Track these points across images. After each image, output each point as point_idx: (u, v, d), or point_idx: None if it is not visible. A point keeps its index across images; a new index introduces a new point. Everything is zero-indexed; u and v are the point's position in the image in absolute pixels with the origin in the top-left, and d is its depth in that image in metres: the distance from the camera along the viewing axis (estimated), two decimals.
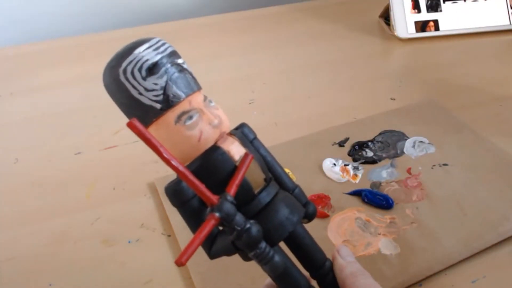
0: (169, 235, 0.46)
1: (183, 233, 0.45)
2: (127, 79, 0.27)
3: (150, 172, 0.53)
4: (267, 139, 0.58)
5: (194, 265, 0.41)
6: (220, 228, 0.29)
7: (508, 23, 0.84)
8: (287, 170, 0.52)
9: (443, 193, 0.49)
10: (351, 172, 0.52)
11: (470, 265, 0.43)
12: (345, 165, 0.53)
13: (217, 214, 0.25)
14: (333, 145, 0.56)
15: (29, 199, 0.50)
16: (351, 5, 0.97)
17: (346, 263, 0.30)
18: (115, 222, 0.47)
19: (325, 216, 0.46)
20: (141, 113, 0.27)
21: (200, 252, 0.42)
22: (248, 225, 0.25)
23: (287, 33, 0.86)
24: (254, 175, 0.28)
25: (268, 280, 0.32)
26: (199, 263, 0.41)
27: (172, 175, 0.27)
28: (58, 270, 0.43)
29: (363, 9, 0.95)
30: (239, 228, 0.25)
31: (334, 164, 0.53)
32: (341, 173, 0.52)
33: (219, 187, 0.26)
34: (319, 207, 0.47)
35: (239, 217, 0.25)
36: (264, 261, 0.26)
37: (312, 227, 0.45)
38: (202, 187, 0.25)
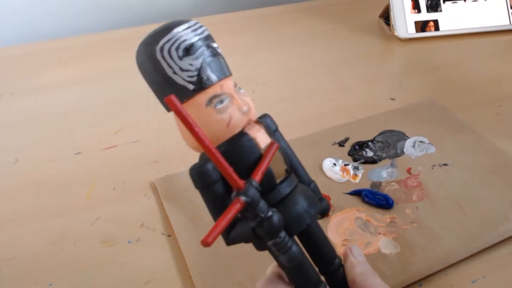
0: (169, 235, 0.46)
1: (183, 233, 0.45)
2: (163, 57, 0.27)
3: (150, 172, 0.53)
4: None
5: (194, 265, 0.41)
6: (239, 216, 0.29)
7: (508, 23, 0.84)
8: None
9: (443, 193, 0.49)
10: (351, 172, 0.52)
11: (470, 265, 0.43)
12: (345, 165, 0.53)
13: (243, 198, 0.25)
14: (333, 145, 0.56)
15: (29, 199, 0.50)
16: (351, 5, 0.97)
17: (357, 262, 0.31)
18: (115, 222, 0.47)
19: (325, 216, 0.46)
20: (173, 92, 0.26)
21: (201, 253, 0.42)
22: (270, 213, 0.26)
23: (287, 33, 0.86)
24: (277, 165, 0.28)
25: (268, 274, 0.32)
26: (199, 263, 0.41)
27: (172, 174, 0.27)
28: (58, 270, 0.42)
29: (363, 9, 0.95)
30: (262, 215, 0.25)
31: (334, 164, 0.53)
32: (341, 173, 0.52)
33: (243, 173, 0.26)
34: None
35: (262, 204, 0.26)
36: (282, 251, 0.26)
37: None
38: (230, 169, 0.25)
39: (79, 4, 0.90)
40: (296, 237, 0.30)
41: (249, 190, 0.25)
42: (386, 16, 0.87)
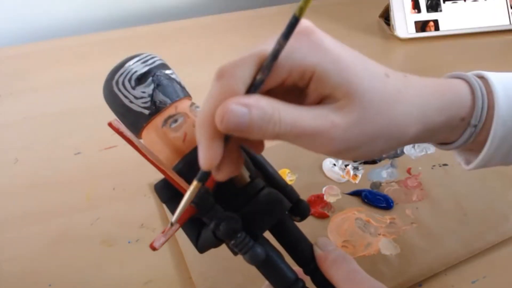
0: None
1: (183, 233, 0.44)
2: (119, 89, 0.30)
3: (150, 172, 0.52)
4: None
5: (194, 265, 0.41)
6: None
7: (508, 23, 0.84)
8: (287, 170, 0.52)
9: (443, 193, 0.49)
10: (351, 172, 0.52)
11: (470, 265, 0.43)
12: (345, 165, 0.53)
13: (194, 204, 0.27)
14: None
15: (29, 199, 0.50)
16: (351, 5, 0.97)
17: (326, 253, 0.30)
18: (115, 222, 0.47)
19: (325, 217, 0.46)
20: (134, 119, 0.30)
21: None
22: (226, 216, 0.27)
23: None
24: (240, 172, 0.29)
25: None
26: (199, 263, 0.41)
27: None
28: (58, 270, 0.43)
29: (363, 9, 0.95)
30: (217, 219, 0.27)
31: (334, 164, 0.53)
32: (341, 173, 0.52)
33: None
34: (319, 207, 0.47)
35: (217, 209, 0.27)
36: (243, 250, 0.28)
37: (312, 228, 0.45)
38: (177, 179, 0.27)
39: (79, 4, 0.89)
40: (274, 238, 0.31)
41: (200, 197, 0.26)
42: (386, 16, 0.87)
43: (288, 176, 0.51)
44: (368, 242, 0.44)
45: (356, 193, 0.49)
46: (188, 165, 0.29)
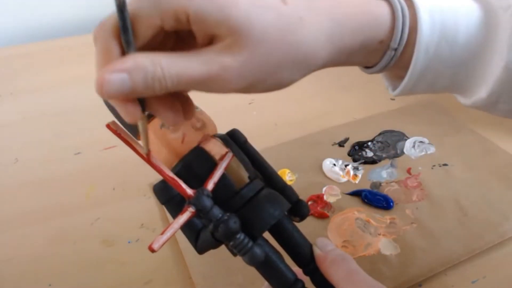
0: None
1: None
2: None
3: (150, 172, 0.52)
4: (267, 139, 0.59)
5: (194, 265, 0.41)
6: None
7: None
8: (287, 170, 0.52)
9: (443, 193, 0.49)
10: (351, 172, 0.52)
11: (470, 265, 0.43)
12: (345, 165, 0.53)
13: (192, 206, 0.27)
14: (333, 145, 0.56)
15: (29, 199, 0.50)
16: None
17: (325, 253, 0.30)
18: (115, 222, 0.47)
19: (325, 217, 0.46)
20: None
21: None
22: (225, 217, 0.27)
23: None
24: (236, 173, 0.30)
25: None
26: (200, 263, 0.41)
27: None
28: (58, 270, 0.43)
29: None
30: (215, 220, 0.27)
31: (334, 164, 0.53)
32: (341, 173, 0.52)
33: (201, 184, 0.28)
34: (319, 207, 0.47)
35: (216, 210, 0.27)
36: (242, 252, 0.27)
37: (312, 228, 0.45)
38: (177, 180, 0.27)
39: (79, 4, 0.89)
40: (274, 239, 0.31)
41: (199, 198, 0.27)
42: None
43: (288, 176, 0.51)
44: (368, 242, 0.44)
45: (356, 193, 0.49)
46: (187, 166, 0.29)
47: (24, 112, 0.64)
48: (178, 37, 0.25)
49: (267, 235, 0.31)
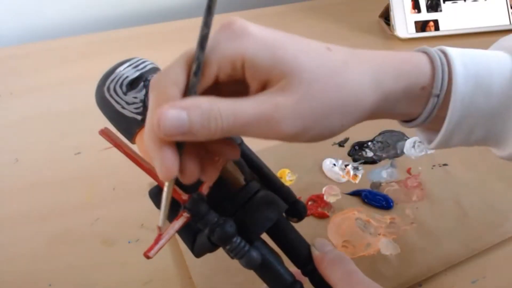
0: None
1: None
2: (111, 95, 0.30)
3: None
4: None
5: (194, 265, 0.41)
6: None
7: (508, 23, 0.84)
8: (287, 170, 0.52)
9: (443, 193, 0.49)
10: (351, 172, 0.52)
11: (470, 265, 0.43)
12: (345, 165, 0.53)
13: (187, 211, 0.27)
14: (333, 145, 0.56)
15: (29, 199, 0.50)
16: (351, 5, 0.97)
17: (323, 253, 0.30)
18: (115, 222, 0.47)
19: (325, 217, 0.46)
20: (126, 125, 0.30)
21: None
22: (220, 221, 0.27)
23: (287, 33, 0.86)
24: (232, 176, 0.30)
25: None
26: (199, 263, 0.41)
27: None
28: (58, 270, 0.43)
29: (363, 9, 0.94)
30: (211, 224, 0.27)
31: (334, 164, 0.53)
32: (341, 173, 0.52)
33: (196, 188, 0.28)
34: (319, 207, 0.47)
35: (211, 214, 0.27)
36: (239, 255, 0.27)
37: (312, 228, 0.45)
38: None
39: (79, 4, 0.89)
40: (271, 239, 0.31)
41: (193, 202, 0.27)
42: (386, 16, 0.87)
43: (288, 176, 0.51)
44: (368, 242, 0.44)
45: (356, 193, 0.49)
46: None
47: (24, 112, 0.64)
48: (229, 92, 0.26)
49: (264, 236, 0.31)
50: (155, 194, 0.30)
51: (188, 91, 0.24)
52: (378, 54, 0.28)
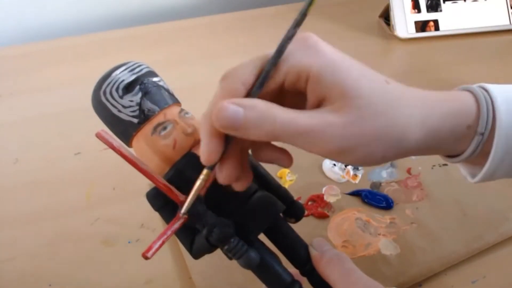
0: None
1: None
2: (107, 99, 0.30)
3: None
4: None
5: (194, 265, 0.41)
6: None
7: (508, 23, 0.84)
8: (287, 170, 0.52)
9: (443, 193, 0.49)
10: (351, 172, 0.52)
11: (470, 265, 0.43)
12: (345, 165, 0.53)
13: (183, 212, 0.27)
14: None
15: (29, 199, 0.50)
16: (351, 5, 0.97)
17: (321, 253, 0.30)
18: (115, 222, 0.47)
19: (325, 217, 0.46)
20: (123, 128, 0.30)
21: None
22: (218, 222, 0.27)
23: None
24: None
25: None
26: (199, 263, 0.41)
27: None
28: (58, 270, 0.43)
29: (363, 9, 0.95)
30: (209, 225, 0.27)
31: (334, 164, 0.53)
32: (341, 173, 0.52)
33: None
34: (319, 207, 0.47)
35: (209, 215, 0.27)
36: (237, 255, 0.28)
37: (312, 228, 0.45)
38: (169, 187, 0.27)
39: (79, 4, 0.90)
40: (269, 240, 0.31)
41: (191, 204, 0.27)
42: (386, 16, 0.87)
43: (288, 176, 0.51)
44: (368, 242, 0.44)
45: (356, 193, 0.49)
46: (178, 172, 0.29)
47: (24, 112, 0.64)
48: (289, 101, 0.28)
49: (262, 236, 0.31)
50: (153, 196, 0.30)
51: (254, 90, 0.26)
52: (427, 93, 0.30)
